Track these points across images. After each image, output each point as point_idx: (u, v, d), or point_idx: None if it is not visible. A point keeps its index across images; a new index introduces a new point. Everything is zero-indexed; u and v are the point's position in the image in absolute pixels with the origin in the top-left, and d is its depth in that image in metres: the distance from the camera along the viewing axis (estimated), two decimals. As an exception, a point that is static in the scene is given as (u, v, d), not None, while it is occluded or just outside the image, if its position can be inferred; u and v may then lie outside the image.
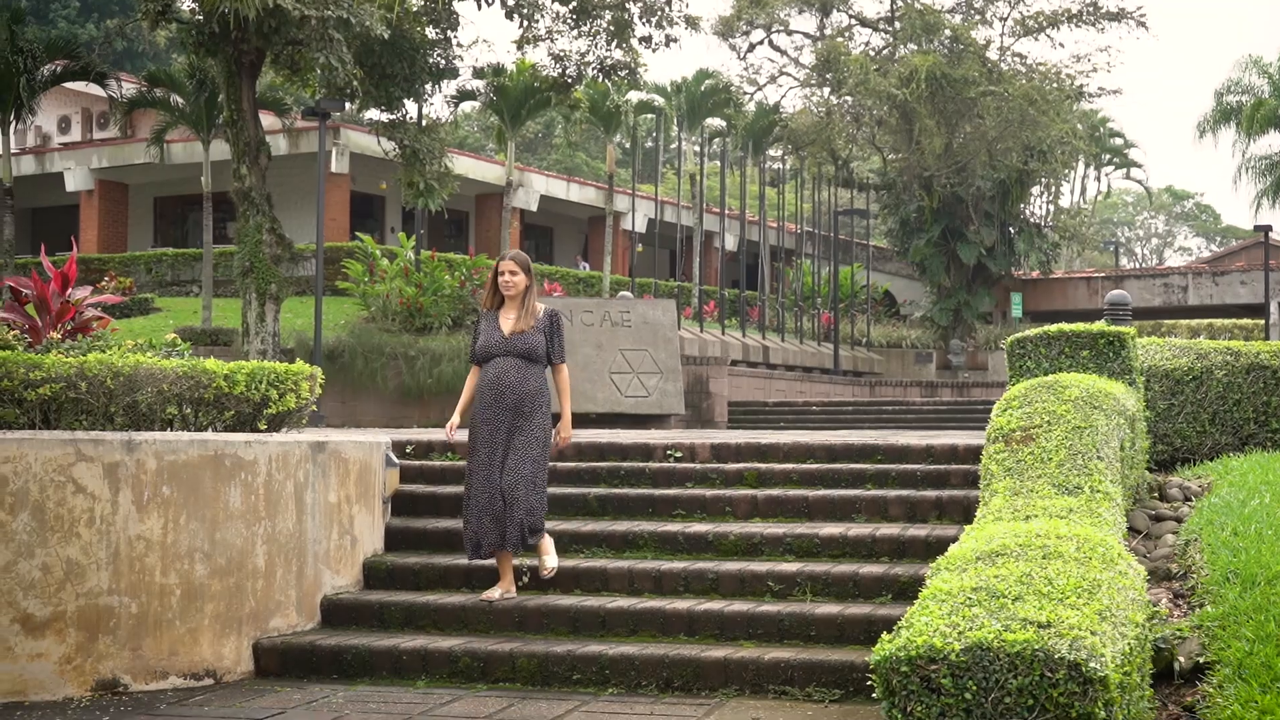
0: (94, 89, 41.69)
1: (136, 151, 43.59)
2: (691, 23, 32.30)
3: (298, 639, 9.71)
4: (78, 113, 49.45)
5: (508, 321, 10.22)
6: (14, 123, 37.26)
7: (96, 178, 45.72)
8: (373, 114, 32.92)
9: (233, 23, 25.54)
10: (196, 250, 42.02)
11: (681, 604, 9.70)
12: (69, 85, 41.71)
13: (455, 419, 10.60)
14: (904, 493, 11.24)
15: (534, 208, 48.69)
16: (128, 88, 38.85)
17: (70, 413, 9.32)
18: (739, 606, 9.58)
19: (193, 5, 27.55)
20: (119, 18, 61.50)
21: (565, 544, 10.88)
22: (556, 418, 10.48)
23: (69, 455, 8.97)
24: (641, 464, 12.22)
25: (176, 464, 9.29)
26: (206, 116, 36.34)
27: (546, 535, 10.23)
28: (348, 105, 30.77)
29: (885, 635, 5.68)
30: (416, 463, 12.46)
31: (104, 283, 35.60)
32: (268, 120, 34.15)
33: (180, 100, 37.18)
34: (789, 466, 11.95)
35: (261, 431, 10.14)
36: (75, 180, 45.60)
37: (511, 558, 10.16)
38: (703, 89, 51.04)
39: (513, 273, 10.23)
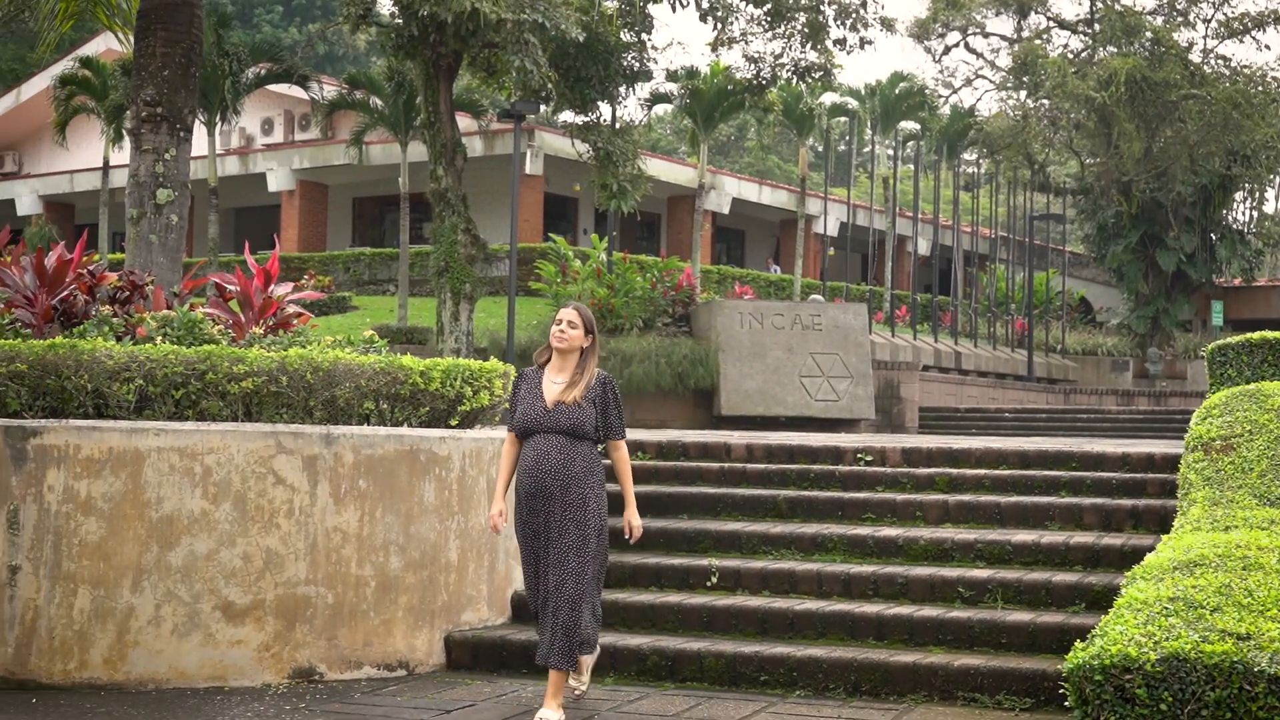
0: (296, 91, 42.63)
1: (336, 153, 44.42)
2: (886, 25, 32.11)
3: (488, 633, 9.84)
4: (280, 115, 50.50)
5: (553, 387, 8.45)
6: (220, 124, 38.24)
7: (297, 178, 46.68)
8: (567, 116, 33.18)
9: (431, 26, 25.95)
10: (393, 250, 42.71)
11: (870, 608, 9.65)
12: (272, 88, 42.66)
13: (498, 503, 8.58)
14: (1099, 501, 11.05)
15: (726, 210, 48.73)
16: (328, 90, 39.67)
17: (271, 406, 9.54)
18: (928, 612, 9.51)
19: (392, 9, 28.01)
20: (320, 22, 62.78)
21: (754, 545, 10.89)
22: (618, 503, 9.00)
23: (270, 447, 9.19)
24: (831, 467, 12.18)
25: (373, 458, 9.47)
26: (404, 118, 36.93)
27: (596, 650, 8.68)
28: (542, 108, 31.03)
29: (1079, 643, 5.61)
30: (606, 461, 12.52)
31: (303, 281, 36.35)
32: (464, 122, 34.60)
33: (379, 102, 37.83)
34: (981, 472, 11.82)
35: (455, 428, 10.28)
36: (277, 180, 46.60)
37: (562, 675, 8.30)
38: (897, 91, 50.66)
39: (571, 324, 8.45)
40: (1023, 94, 49.38)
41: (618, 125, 31.32)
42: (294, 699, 8.73)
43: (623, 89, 31.63)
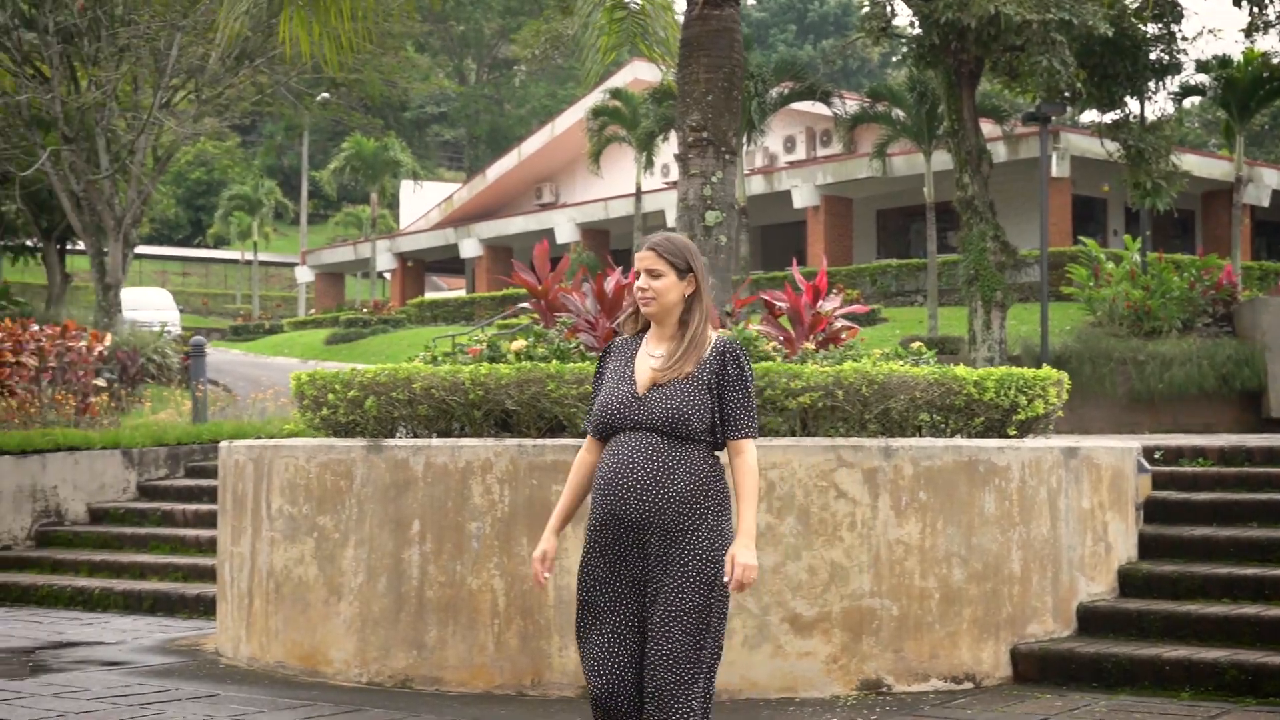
0: (815, 108, 43.06)
1: (859, 166, 44.63)
2: None
3: (1055, 645, 9.68)
4: (801, 132, 51.14)
5: (649, 362, 5.59)
6: (746, 145, 39.03)
7: (821, 193, 47.10)
8: (1091, 115, 32.44)
9: (951, 33, 25.82)
10: (919, 260, 42.62)
11: None
12: (792, 105, 43.23)
13: (549, 540, 5.79)
14: None
15: (1265, 203, 46.59)
16: (849, 104, 39.92)
17: (826, 420, 9.65)
18: None
19: (911, 19, 28.00)
20: (835, 37, 63.27)
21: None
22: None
23: (830, 461, 9.30)
24: None
25: (932, 470, 9.46)
26: (927, 128, 36.79)
27: None
28: (1067, 108, 30.41)
29: None
30: (1166, 469, 12.17)
31: (833, 295, 36.66)
32: (986, 128, 34.19)
33: (900, 113, 37.81)
34: None
35: (1011, 437, 10.16)
36: (802, 197, 47.15)
37: None
38: None
39: (652, 273, 5.57)
40: None
41: (1148, 121, 30.41)
42: (864, 710, 8.80)
43: (1151, 83, 30.70)
